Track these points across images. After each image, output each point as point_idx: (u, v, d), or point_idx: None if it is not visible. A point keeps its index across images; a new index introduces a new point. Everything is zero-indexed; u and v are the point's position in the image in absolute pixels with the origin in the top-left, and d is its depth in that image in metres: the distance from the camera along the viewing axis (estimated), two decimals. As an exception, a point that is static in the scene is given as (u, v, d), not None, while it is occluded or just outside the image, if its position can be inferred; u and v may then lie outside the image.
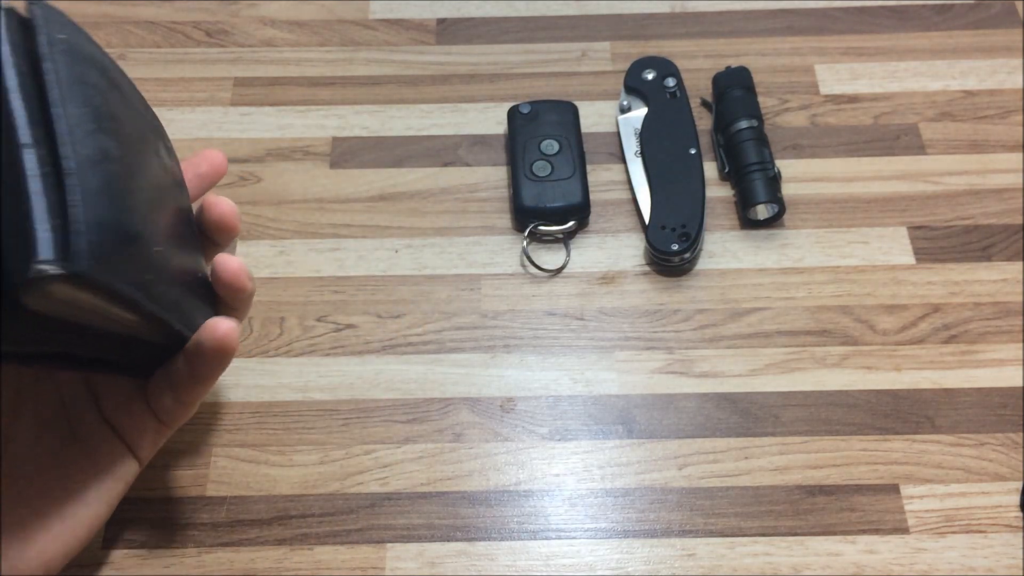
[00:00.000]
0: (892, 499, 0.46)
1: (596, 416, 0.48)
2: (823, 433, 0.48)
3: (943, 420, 0.48)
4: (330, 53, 0.61)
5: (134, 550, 0.45)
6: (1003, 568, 0.44)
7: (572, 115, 0.56)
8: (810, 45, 0.61)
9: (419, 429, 0.48)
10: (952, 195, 0.55)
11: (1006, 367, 0.49)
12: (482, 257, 0.53)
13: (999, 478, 0.46)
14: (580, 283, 0.53)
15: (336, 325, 0.51)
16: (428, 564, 0.44)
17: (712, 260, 0.53)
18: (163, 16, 0.63)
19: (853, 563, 0.44)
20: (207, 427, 0.48)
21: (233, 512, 0.46)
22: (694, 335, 0.51)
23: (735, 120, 0.55)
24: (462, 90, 0.60)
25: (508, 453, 0.47)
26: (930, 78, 0.60)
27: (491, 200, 0.55)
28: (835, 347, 0.50)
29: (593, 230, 0.54)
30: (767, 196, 0.53)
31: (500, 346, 0.50)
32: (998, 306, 0.51)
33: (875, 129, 0.58)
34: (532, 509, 0.46)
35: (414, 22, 0.63)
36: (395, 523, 0.45)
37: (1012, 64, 0.60)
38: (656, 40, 0.62)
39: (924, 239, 0.54)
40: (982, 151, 0.57)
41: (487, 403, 0.49)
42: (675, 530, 0.45)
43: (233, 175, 0.56)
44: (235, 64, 0.61)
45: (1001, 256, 0.53)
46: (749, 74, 0.58)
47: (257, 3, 0.64)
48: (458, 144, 0.58)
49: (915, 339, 0.50)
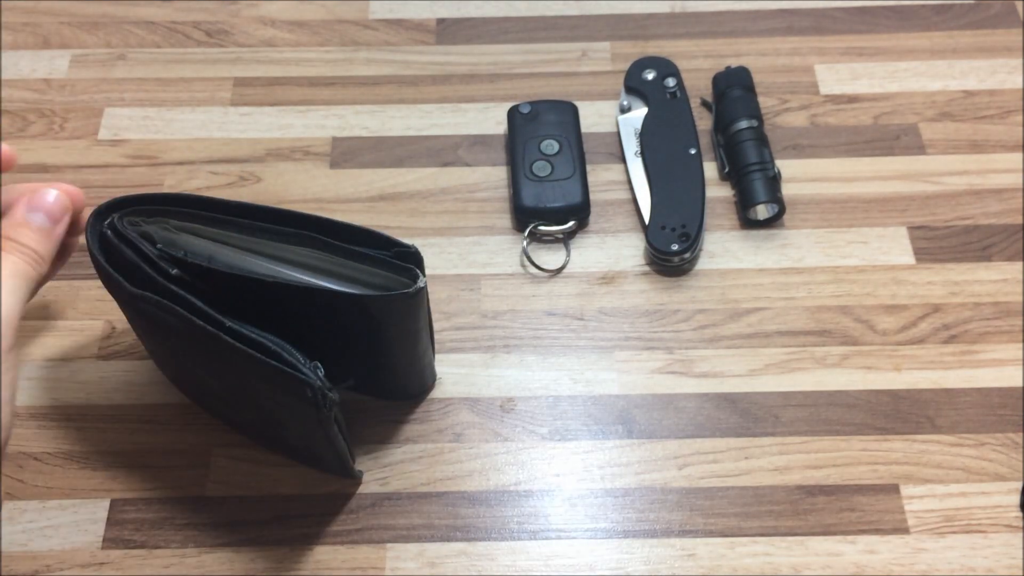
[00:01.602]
0: (892, 499, 0.46)
1: (596, 416, 0.48)
2: (823, 433, 0.48)
3: (943, 420, 0.48)
4: (330, 53, 0.61)
5: (134, 550, 0.45)
6: (1003, 568, 0.44)
7: (572, 115, 0.56)
8: (810, 45, 0.61)
9: (419, 429, 0.48)
10: (952, 195, 0.55)
11: (1006, 367, 0.49)
12: (482, 257, 0.53)
13: (999, 478, 0.46)
14: (580, 283, 0.53)
15: (336, 325, 0.51)
16: (428, 564, 0.44)
17: (712, 260, 0.53)
18: (163, 16, 0.63)
19: (853, 563, 0.44)
20: (207, 427, 0.48)
21: (233, 512, 0.46)
22: (694, 335, 0.51)
23: (735, 120, 0.55)
24: (462, 90, 0.60)
25: (508, 453, 0.47)
26: (930, 78, 0.60)
27: (491, 200, 0.55)
28: (835, 347, 0.50)
29: (593, 230, 0.54)
30: (767, 196, 0.53)
31: (500, 346, 0.50)
32: (998, 306, 0.51)
33: (875, 129, 0.58)
34: (532, 509, 0.46)
35: (414, 22, 0.63)
36: (395, 523, 0.45)
37: (1012, 64, 0.60)
38: (656, 40, 0.62)
39: (924, 239, 0.54)
40: (982, 151, 0.57)
41: (487, 403, 0.49)
42: (675, 530, 0.45)
43: (233, 175, 0.56)
44: (235, 64, 0.61)
45: (1001, 256, 0.53)
46: (749, 74, 0.58)
47: (257, 3, 0.64)
48: (458, 144, 0.58)
49: (915, 339, 0.50)
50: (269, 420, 0.44)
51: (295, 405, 0.39)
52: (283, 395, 0.39)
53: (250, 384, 0.40)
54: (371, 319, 0.41)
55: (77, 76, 0.60)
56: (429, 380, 0.49)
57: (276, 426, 0.44)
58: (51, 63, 0.61)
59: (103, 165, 0.57)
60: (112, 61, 0.61)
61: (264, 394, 0.40)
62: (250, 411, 0.44)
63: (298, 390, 0.38)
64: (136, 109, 0.59)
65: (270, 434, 0.46)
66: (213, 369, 0.42)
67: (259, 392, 0.41)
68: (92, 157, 0.57)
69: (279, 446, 0.47)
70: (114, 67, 0.61)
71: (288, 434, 0.44)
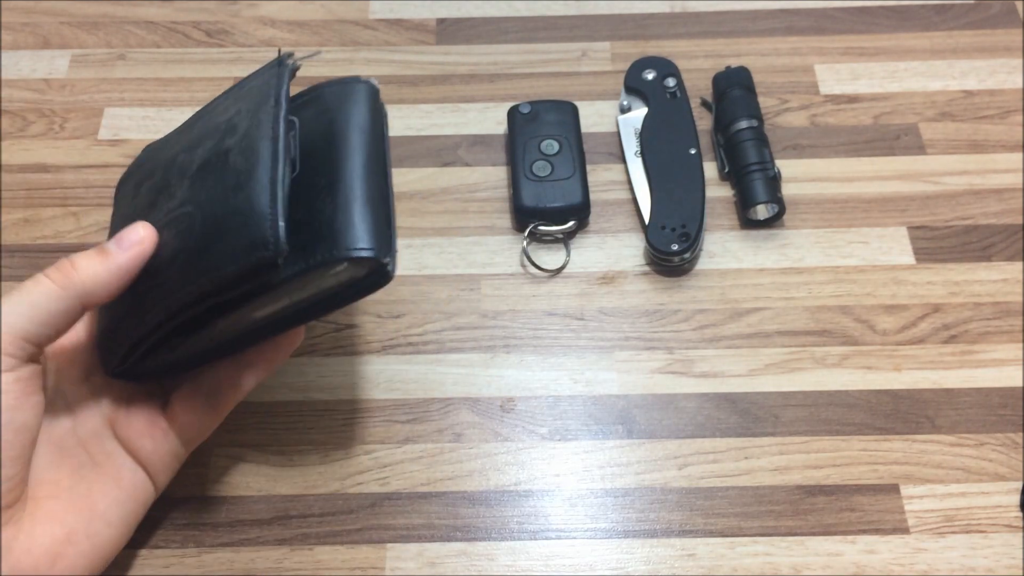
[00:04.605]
0: (892, 499, 0.46)
1: (596, 416, 0.48)
2: (823, 433, 0.48)
3: (943, 420, 0.48)
4: (330, 53, 0.61)
5: (134, 550, 0.44)
6: (1003, 568, 0.44)
7: (572, 115, 0.56)
8: (810, 45, 0.61)
9: (419, 429, 0.48)
10: (952, 195, 0.55)
11: (1006, 367, 0.49)
12: (482, 257, 0.53)
13: (999, 478, 0.46)
14: (580, 283, 0.53)
15: (336, 325, 0.51)
16: (428, 564, 0.44)
17: (712, 260, 0.53)
18: (163, 16, 0.63)
19: (853, 563, 0.44)
20: (207, 427, 0.48)
21: (233, 512, 0.46)
22: (694, 335, 0.51)
23: (735, 120, 0.55)
24: (462, 90, 0.60)
25: (508, 453, 0.47)
26: (930, 78, 0.60)
27: (491, 200, 0.55)
28: (835, 347, 0.50)
29: (593, 230, 0.54)
30: (767, 196, 0.53)
31: (500, 346, 0.50)
32: (998, 306, 0.51)
33: (875, 129, 0.58)
34: (532, 509, 0.46)
35: (414, 22, 0.63)
36: (395, 523, 0.45)
37: (1012, 64, 0.60)
38: (656, 40, 0.62)
39: (924, 239, 0.54)
40: (982, 151, 0.57)
41: (487, 403, 0.49)
42: (675, 530, 0.45)
43: (233, 175, 0.56)
44: (235, 64, 0.61)
45: (1001, 256, 0.53)
46: (749, 74, 0.58)
47: (257, 3, 0.64)
48: (458, 144, 0.58)
49: (915, 339, 0.50)
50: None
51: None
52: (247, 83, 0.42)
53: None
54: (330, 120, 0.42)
55: (77, 76, 0.60)
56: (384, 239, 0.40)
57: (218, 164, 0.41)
58: (51, 63, 0.61)
59: (103, 165, 0.57)
60: (112, 61, 0.61)
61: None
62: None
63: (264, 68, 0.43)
64: (136, 109, 0.59)
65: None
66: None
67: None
68: (92, 157, 0.57)
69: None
70: (114, 67, 0.61)
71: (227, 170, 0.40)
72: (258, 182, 0.38)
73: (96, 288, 0.37)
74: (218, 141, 0.41)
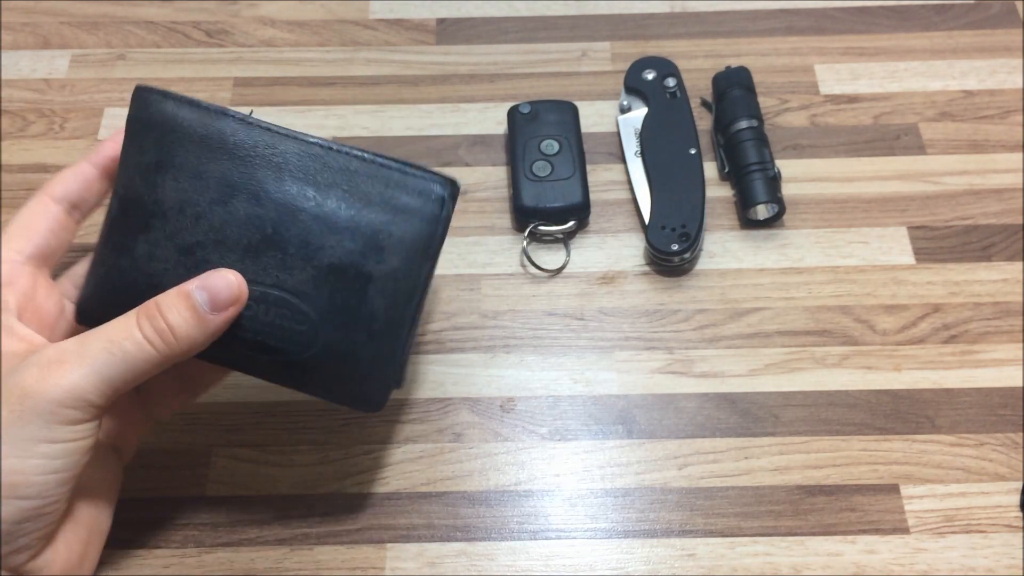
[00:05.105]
0: (892, 499, 0.46)
1: (596, 416, 0.48)
2: (823, 433, 0.48)
3: (943, 420, 0.48)
4: (330, 53, 0.61)
5: (134, 550, 0.45)
6: (1003, 568, 0.44)
7: (572, 115, 0.56)
8: (810, 45, 0.61)
9: (419, 429, 0.48)
10: (952, 195, 0.55)
11: (1006, 367, 0.49)
12: (482, 257, 0.53)
13: (999, 478, 0.46)
14: (580, 283, 0.53)
15: (336, 325, 0.51)
16: (428, 564, 0.44)
17: (712, 260, 0.53)
18: (163, 16, 0.63)
19: (853, 563, 0.44)
20: (207, 427, 0.48)
21: (233, 512, 0.46)
22: (694, 335, 0.51)
23: (735, 120, 0.55)
24: (462, 90, 0.60)
25: (508, 453, 0.47)
26: (930, 78, 0.60)
27: (491, 200, 0.55)
28: (835, 347, 0.50)
29: (593, 230, 0.54)
30: (767, 196, 0.53)
31: (500, 346, 0.50)
32: (998, 306, 0.51)
33: (875, 129, 0.58)
34: (532, 509, 0.46)
35: (414, 22, 0.63)
36: (395, 523, 0.45)
37: (1012, 64, 0.60)
38: (656, 40, 0.62)
39: (924, 239, 0.54)
40: (982, 151, 0.57)
41: (487, 403, 0.49)
42: (675, 530, 0.45)
43: (233, 175, 0.56)
44: (235, 64, 0.61)
45: (1001, 256, 0.53)
46: (749, 74, 0.58)
47: (257, 3, 0.64)
48: (458, 144, 0.58)
49: (915, 339, 0.50)
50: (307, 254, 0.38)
51: (409, 209, 0.38)
52: (399, 193, 0.38)
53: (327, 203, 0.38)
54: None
55: (77, 76, 0.60)
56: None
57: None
58: (51, 63, 0.61)
59: (103, 165, 0.57)
60: (112, 61, 0.61)
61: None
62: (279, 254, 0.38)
63: (423, 186, 0.38)
64: (136, 109, 0.59)
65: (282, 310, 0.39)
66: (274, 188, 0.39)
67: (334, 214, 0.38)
68: (92, 157, 0.57)
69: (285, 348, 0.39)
70: (114, 67, 0.61)
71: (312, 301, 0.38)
72: (394, 354, 0.39)
73: (191, 352, 0.37)
74: (359, 252, 0.38)
